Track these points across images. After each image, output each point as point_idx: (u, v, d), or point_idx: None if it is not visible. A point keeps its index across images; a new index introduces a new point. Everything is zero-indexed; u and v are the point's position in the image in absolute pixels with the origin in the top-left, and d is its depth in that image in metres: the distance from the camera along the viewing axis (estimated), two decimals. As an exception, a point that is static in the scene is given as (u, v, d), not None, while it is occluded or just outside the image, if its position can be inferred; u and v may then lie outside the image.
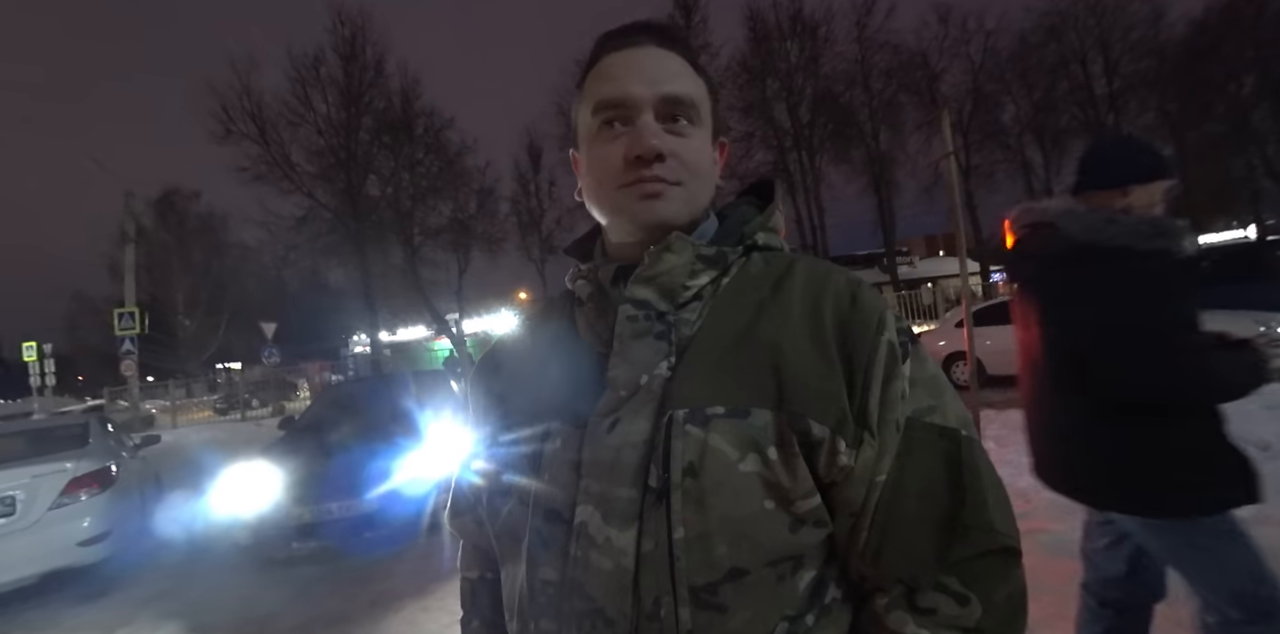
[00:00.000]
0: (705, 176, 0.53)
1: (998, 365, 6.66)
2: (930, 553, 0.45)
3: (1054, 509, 2.92)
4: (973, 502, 0.45)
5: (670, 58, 0.52)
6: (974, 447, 0.47)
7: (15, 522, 3.30)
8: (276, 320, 13.92)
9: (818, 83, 19.02)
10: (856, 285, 0.51)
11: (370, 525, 3.43)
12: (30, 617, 3.23)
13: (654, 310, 0.50)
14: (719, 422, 0.44)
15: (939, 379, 0.50)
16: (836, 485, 0.46)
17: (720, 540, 0.43)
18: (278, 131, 16.14)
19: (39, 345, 14.69)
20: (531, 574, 0.48)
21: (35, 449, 3.92)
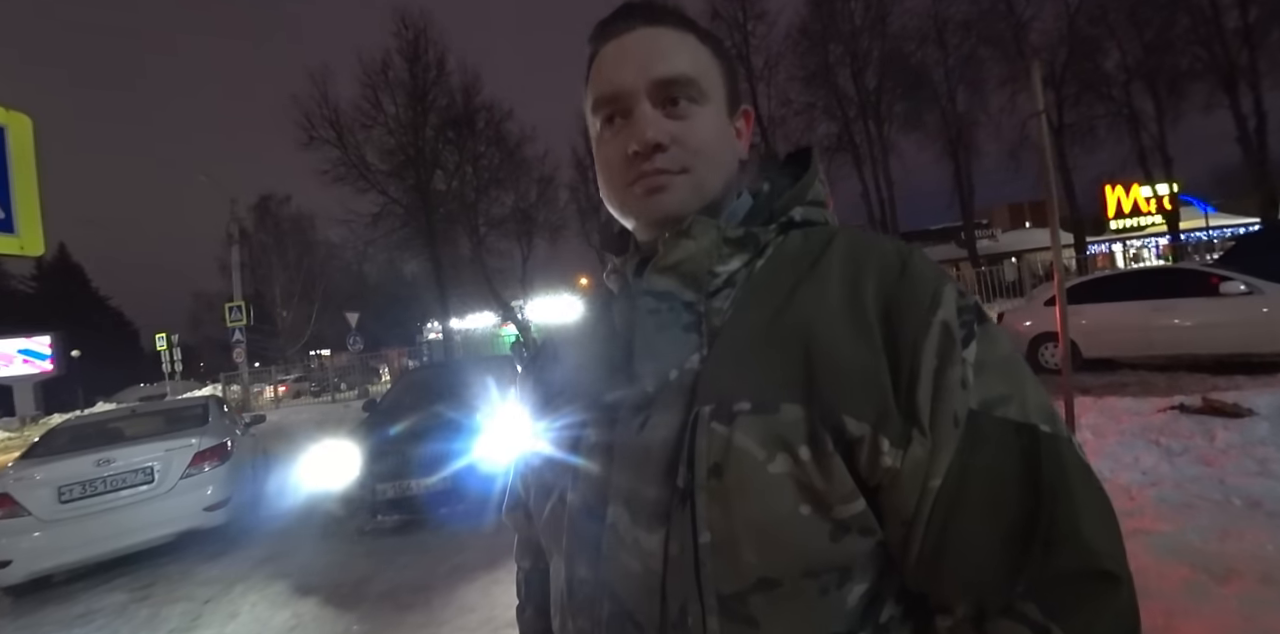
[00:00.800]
0: (716, 156, 0.48)
1: (1094, 347, 6.03)
2: (998, 571, 0.38)
3: (1163, 507, 2.63)
4: (1058, 510, 0.37)
5: (661, 35, 0.48)
6: (1060, 444, 0.39)
7: (155, 488, 3.82)
8: (359, 310, 15.05)
9: (885, 43, 17.66)
10: (907, 255, 0.45)
11: (447, 501, 3.67)
12: (169, 570, 3.75)
13: (679, 300, 0.46)
14: (745, 418, 0.40)
15: (1014, 363, 0.42)
16: (884, 489, 0.40)
17: (748, 547, 0.39)
18: (353, 134, 17.26)
19: (169, 336, 16.83)
20: (570, 571, 0.47)
21: (167, 427, 4.50)
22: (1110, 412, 4.13)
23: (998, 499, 0.38)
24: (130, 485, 3.78)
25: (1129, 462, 3.15)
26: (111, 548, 3.65)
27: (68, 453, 3.88)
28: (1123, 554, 0.38)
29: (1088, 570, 0.37)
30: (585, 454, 0.47)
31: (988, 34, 16.79)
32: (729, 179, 0.50)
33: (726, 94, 0.50)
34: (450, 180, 17.77)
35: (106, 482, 3.73)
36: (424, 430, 3.96)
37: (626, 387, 0.46)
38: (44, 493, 3.57)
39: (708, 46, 0.50)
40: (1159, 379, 5.38)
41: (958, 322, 0.41)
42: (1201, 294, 5.37)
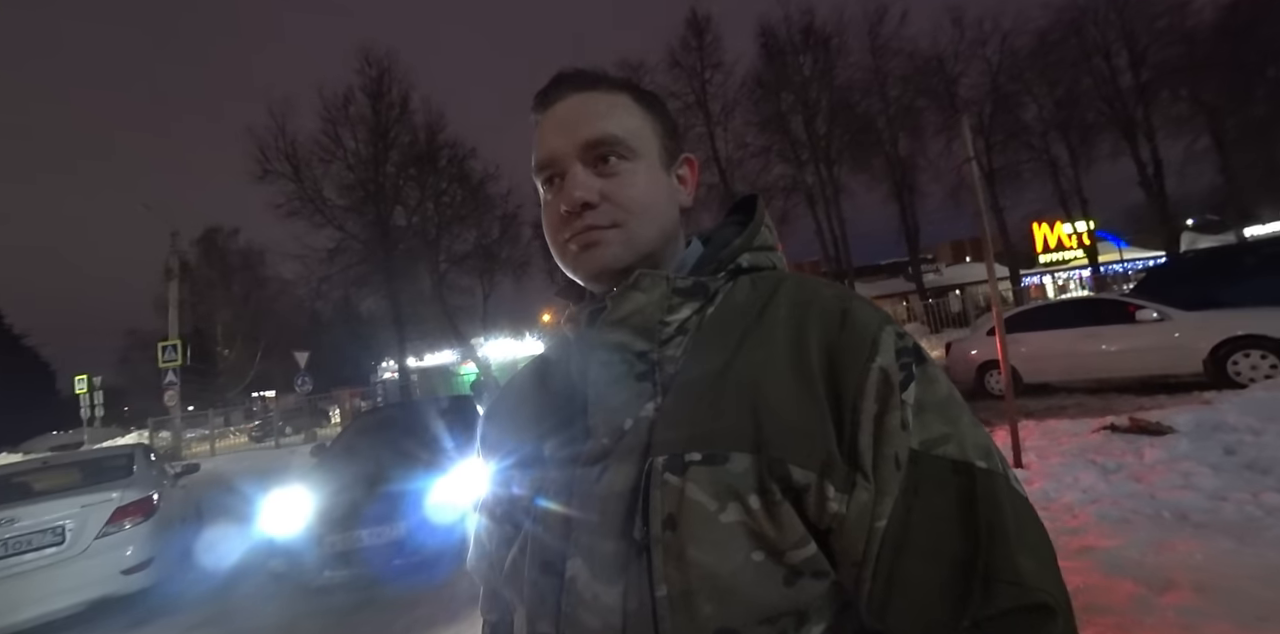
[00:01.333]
0: (649, 209, 0.50)
1: (1033, 373, 6.40)
2: (944, 609, 0.39)
3: (1104, 524, 2.76)
4: (995, 548, 0.39)
5: (590, 99, 0.51)
6: (995, 480, 0.41)
7: (65, 550, 3.43)
8: (310, 349, 14.37)
9: (833, 94, 19.11)
10: (847, 302, 0.47)
11: (401, 552, 3.45)
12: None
13: (631, 351, 0.47)
14: (696, 469, 0.41)
15: (952, 402, 0.44)
16: (834, 532, 0.41)
17: (704, 599, 0.40)
18: (311, 169, 17.03)
19: (89, 378, 15.48)
20: (531, 627, 0.47)
21: (83, 480, 4.08)
22: (1052, 434, 4.35)
23: (939, 538, 0.40)
24: (36, 548, 3.38)
25: (1070, 481, 3.31)
26: (9, 622, 3.21)
27: (-37, 512, 3.46)
28: (1058, 585, 0.40)
29: (1025, 605, 0.38)
30: (544, 508, 0.47)
31: (924, 87, 18.53)
32: (666, 228, 0.52)
33: (660, 147, 0.52)
34: (411, 216, 17.64)
35: (7, 545, 3.32)
36: (376, 477, 3.76)
37: (583, 438, 0.47)
38: (-69, 560, 3.15)
39: (641, 104, 0.52)
40: (1093, 401, 5.73)
41: (896, 365, 0.43)
42: (1121, 321, 5.84)
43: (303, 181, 16.79)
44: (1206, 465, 3.15)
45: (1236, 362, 5.13)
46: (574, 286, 0.60)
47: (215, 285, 23.95)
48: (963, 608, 0.39)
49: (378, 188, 17.10)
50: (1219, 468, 3.11)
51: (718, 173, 20.28)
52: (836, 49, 19.29)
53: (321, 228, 16.99)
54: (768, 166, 20.06)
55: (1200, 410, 4.13)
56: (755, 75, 19.84)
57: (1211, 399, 4.62)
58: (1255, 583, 2.00)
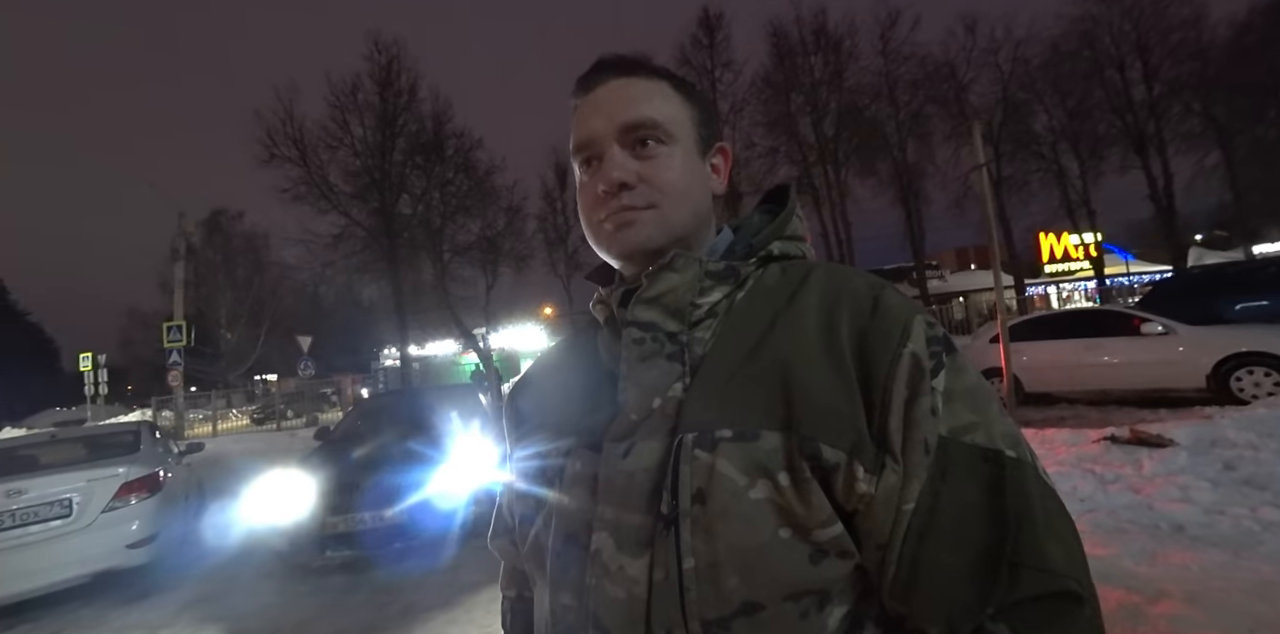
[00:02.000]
0: (683, 193, 0.51)
1: (1035, 382, 6.41)
2: (969, 594, 0.39)
3: (1099, 533, 2.78)
4: (1022, 534, 0.39)
5: (631, 84, 0.52)
6: (1024, 469, 0.41)
7: (71, 523, 3.47)
8: (312, 334, 14.41)
9: (842, 96, 19.07)
10: (880, 289, 0.47)
11: (401, 536, 3.49)
12: (81, 615, 3.37)
13: (662, 331, 0.48)
14: (726, 445, 0.42)
15: (982, 391, 0.44)
16: (860, 514, 0.42)
17: (731, 571, 0.40)
18: (317, 154, 16.97)
19: (94, 356, 15.56)
20: (554, 599, 0.48)
21: (91, 455, 4.13)
22: (1051, 443, 4.37)
23: (967, 524, 0.40)
24: (43, 520, 3.42)
25: (1068, 490, 3.33)
26: (15, 590, 3.25)
27: (-27, 483, 3.50)
28: (1085, 574, 0.40)
29: (1052, 592, 0.39)
30: (569, 482, 0.48)
31: (934, 93, 18.48)
32: (700, 213, 0.53)
33: (697, 134, 0.53)
34: (416, 205, 17.62)
35: (15, 515, 3.36)
36: (379, 461, 3.79)
37: (610, 415, 0.48)
38: (-60, 528, 3.20)
39: (680, 92, 0.53)
40: (1092, 413, 5.75)
41: (927, 353, 0.43)
42: (1126, 334, 5.85)
43: (309, 167, 16.76)
44: (1205, 479, 3.17)
45: (1240, 378, 5.14)
46: (603, 271, 0.62)
47: (218, 268, 23.96)
48: (988, 593, 0.39)
49: (383, 175, 17.08)
50: (1217, 482, 3.13)
51: (725, 172, 20.23)
52: (848, 52, 19.26)
53: (326, 214, 16.98)
54: (774, 167, 20.05)
55: (1201, 425, 4.15)
56: (765, 75, 19.80)
57: (1213, 414, 4.64)
58: (1248, 596, 2.03)
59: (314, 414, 15.34)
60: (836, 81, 19.14)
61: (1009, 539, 0.39)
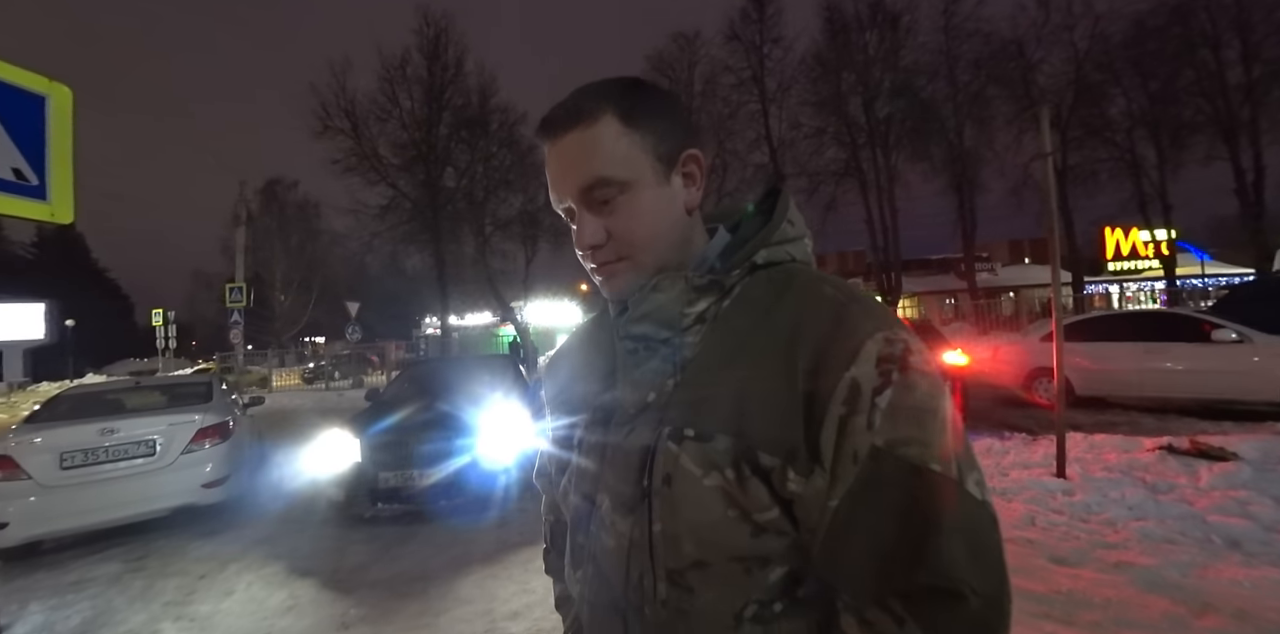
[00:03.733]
0: (651, 237, 0.55)
1: (1088, 385, 6.15)
2: (875, 578, 0.45)
3: (1146, 542, 2.72)
4: (927, 540, 0.44)
5: (576, 140, 0.54)
6: (944, 484, 0.45)
7: (156, 461, 3.84)
8: (359, 301, 15.04)
9: (897, 76, 18.03)
10: (845, 307, 0.51)
11: (447, 494, 3.70)
12: (162, 545, 3.75)
13: (655, 339, 0.56)
14: (689, 443, 0.51)
15: (926, 409, 0.47)
16: (795, 504, 0.49)
17: (687, 540, 0.51)
18: (368, 127, 17.35)
19: (165, 312, 16.73)
20: (573, 537, 0.63)
21: (170, 402, 4.51)
22: (1100, 449, 4.23)
23: (881, 524, 0.45)
24: (131, 457, 3.79)
25: (1115, 497, 3.24)
26: (108, 518, 3.65)
27: (72, 420, 3.89)
28: (986, 580, 0.44)
29: (941, 588, 0.44)
30: (587, 450, 0.60)
31: (997, 73, 17.22)
32: (674, 241, 0.57)
33: (654, 161, 0.55)
34: (460, 178, 17.87)
35: (109, 451, 3.74)
36: (428, 423, 4.00)
37: (619, 407, 0.58)
38: (45, 458, 3.58)
39: (625, 122, 0.54)
40: (1148, 420, 5.49)
41: (875, 373, 0.47)
42: (1194, 339, 5.52)
43: (360, 138, 17.18)
44: (1269, 497, 3.03)
45: (1321, 394, 4.81)
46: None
47: (274, 234, 25.09)
48: (890, 580, 0.45)
49: (429, 148, 17.35)
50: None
51: (769, 153, 19.66)
52: (906, 27, 18.04)
53: (375, 185, 17.45)
54: (820, 149, 19.26)
55: (1271, 441, 3.93)
56: (816, 52, 18.85)
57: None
58: (1305, 615, 1.97)
59: (359, 376, 16.11)
60: (892, 59, 18.07)
61: (915, 540, 0.44)
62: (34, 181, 2.72)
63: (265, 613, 2.71)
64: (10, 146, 2.60)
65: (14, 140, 2.61)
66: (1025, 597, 2.26)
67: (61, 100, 2.90)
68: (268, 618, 2.65)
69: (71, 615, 2.79)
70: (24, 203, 2.66)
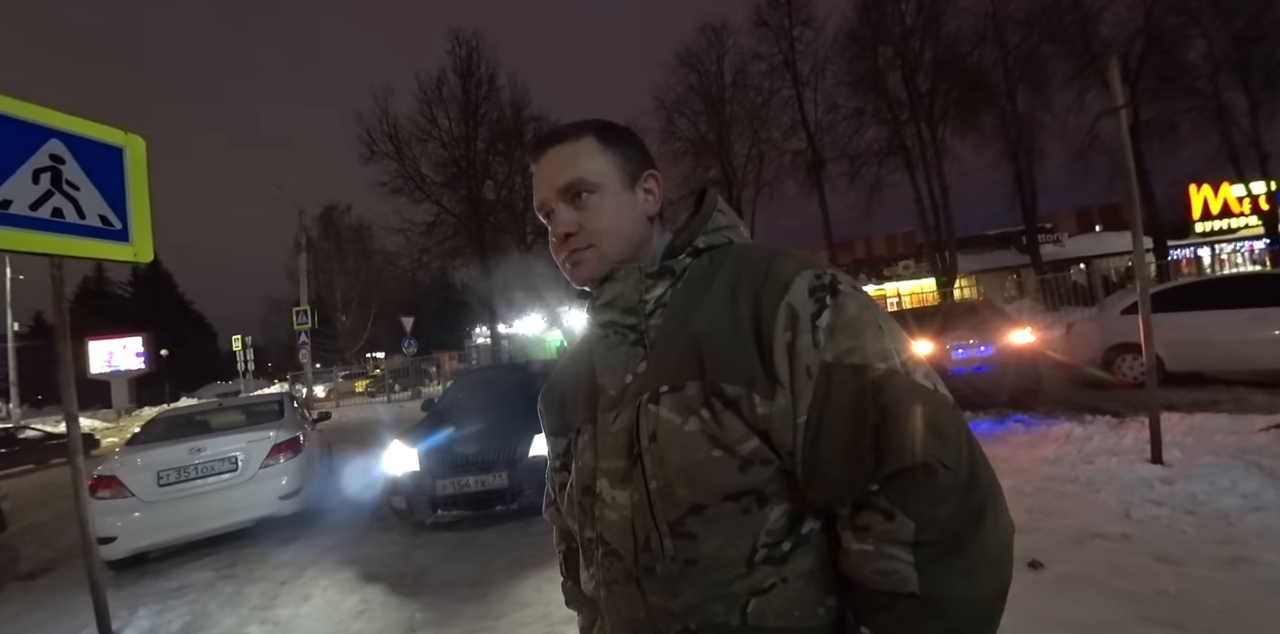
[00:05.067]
0: (614, 230, 0.64)
1: (1181, 360, 5.55)
2: (853, 477, 0.50)
3: (1270, 536, 2.40)
4: (885, 425, 0.49)
5: (560, 151, 0.65)
6: (891, 377, 0.51)
7: (239, 476, 4.13)
8: (413, 315, 15.74)
9: (938, 44, 17.03)
10: (772, 258, 0.59)
11: (502, 499, 3.78)
12: (249, 552, 4.03)
13: (622, 325, 0.63)
14: (665, 397, 0.56)
15: (860, 321, 0.53)
16: (770, 431, 0.53)
17: (679, 484, 0.55)
18: (410, 148, 18.22)
19: (243, 338, 18.15)
20: (582, 536, 0.66)
21: (247, 420, 4.85)
22: (1201, 430, 3.80)
23: (844, 424, 0.50)
24: (218, 473, 4.10)
25: (1226, 485, 2.89)
26: (201, 529, 3.97)
27: (166, 441, 4.26)
28: (945, 449, 0.48)
29: (909, 466, 0.48)
30: (582, 447, 0.65)
31: (1051, 30, 15.92)
32: (633, 238, 0.65)
33: (622, 174, 0.65)
34: (500, 190, 18.42)
35: (198, 468, 4.06)
36: (481, 430, 4.10)
37: (601, 395, 0.63)
38: (145, 476, 3.93)
39: (602, 143, 0.65)
40: (1257, 396, 4.90)
41: (810, 300, 0.54)
42: (1308, 303, 4.89)
43: (404, 160, 18.05)
44: None
45: None
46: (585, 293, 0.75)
47: (332, 257, 26.67)
48: (862, 475, 0.49)
49: (469, 163, 17.98)
50: None
51: (806, 139, 19.06)
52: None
53: (420, 203, 18.28)
54: (860, 130, 18.48)
55: None
56: (849, 30, 18.09)
57: None
58: None
59: (417, 388, 16.86)
60: (932, 28, 17.07)
61: (872, 428, 0.49)
62: (118, 226, 2.98)
63: (340, 617, 2.84)
64: (96, 196, 2.87)
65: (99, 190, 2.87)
66: (1123, 598, 2.05)
67: (136, 150, 3.15)
68: (342, 621, 2.79)
69: (173, 620, 3.03)
70: (111, 246, 2.92)
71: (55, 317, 2.83)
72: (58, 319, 2.80)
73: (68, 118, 2.71)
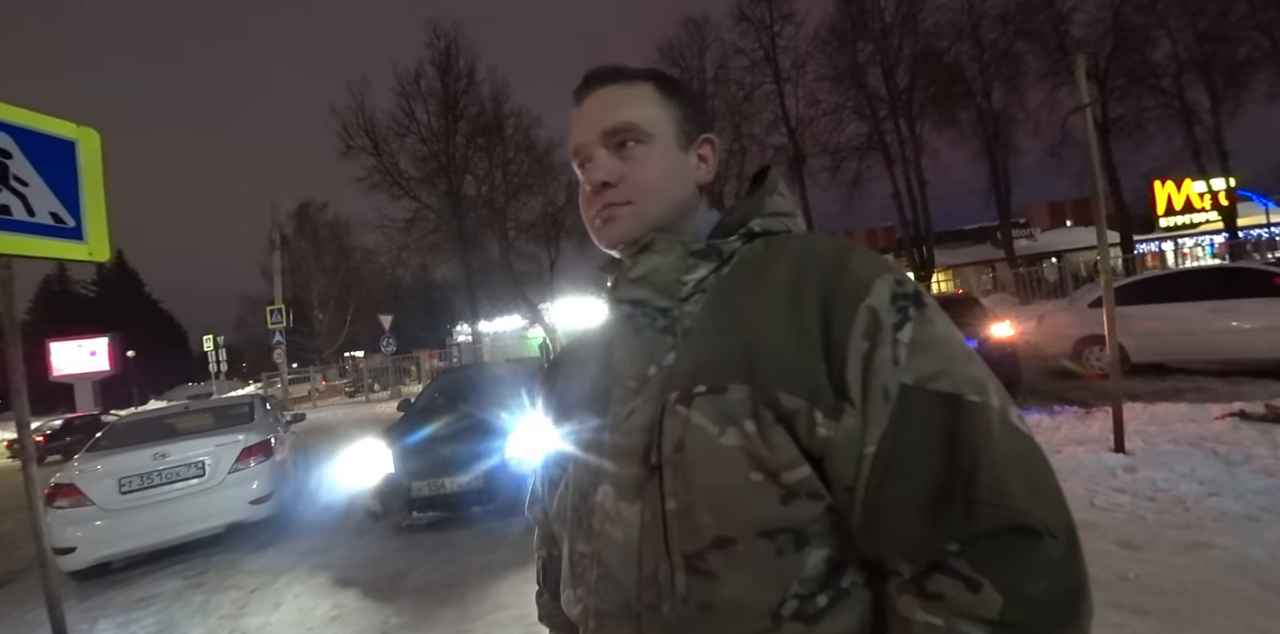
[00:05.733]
0: (660, 189, 0.55)
1: (1144, 351, 5.74)
2: (929, 530, 0.41)
3: (1226, 521, 2.49)
4: (979, 472, 0.40)
5: (612, 92, 0.56)
6: (986, 412, 0.42)
7: (206, 482, 4.01)
8: (392, 313, 15.49)
9: (917, 41, 17.29)
10: (847, 253, 0.50)
11: (479, 500, 3.74)
12: (220, 560, 3.92)
13: (653, 307, 0.53)
14: (701, 400, 0.46)
15: (948, 342, 0.45)
16: (827, 458, 0.44)
17: (704, 510, 0.45)
18: (388, 143, 17.86)
19: (215, 338, 17.66)
20: (572, 548, 0.55)
21: (216, 423, 4.71)
22: (1162, 419, 3.93)
23: (924, 464, 0.42)
24: (184, 479, 3.98)
25: (1184, 472, 2.99)
26: (167, 537, 3.84)
27: (128, 447, 4.10)
28: (1052, 512, 0.40)
29: (1008, 526, 0.40)
30: (583, 445, 0.55)
31: (1025, 27, 16.28)
32: (680, 203, 0.56)
33: (678, 130, 0.57)
34: (480, 186, 18.16)
35: (162, 474, 3.93)
36: (457, 430, 4.05)
37: (616, 385, 0.53)
38: (106, 484, 3.79)
39: (662, 92, 0.57)
40: (1217, 385, 5.09)
41: (892, 307, 0.45)
42: (1265, 294, 5.07)
43: (381, 155, 17.66)
44: (1361, 460, 2.74)
45: None
46: (613, 263, 0.66)
47: (309, 255, 26.08)
48: (945, 530, 0.41)
49: (449, 159, 17.68)
50: (1378, 464, 2.69)
51: (787, 133, 19.18)
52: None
53: (399, 199, 17.93)
54: (840, 125, 18.73)
55: (1359, 398, 3.56)
56: (830, 25, 18.31)
57: (1375, 386, 3.96)
58: None
59: (397, 387, 16.63)
60: (910, 24, 17.32)
61: (964, 475, 0.41)
62: (70, 224, 2.84)
63: (312, 624, 2.78)
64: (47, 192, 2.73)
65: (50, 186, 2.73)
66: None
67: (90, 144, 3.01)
68: (315, 628, 2.73)
69: (137, 631, 2.93)
70: (63, 245, 2.78)
71: (5, 318, 2.70)
72: (7, 321, 2.67)
73: (14, 110, 2.57)
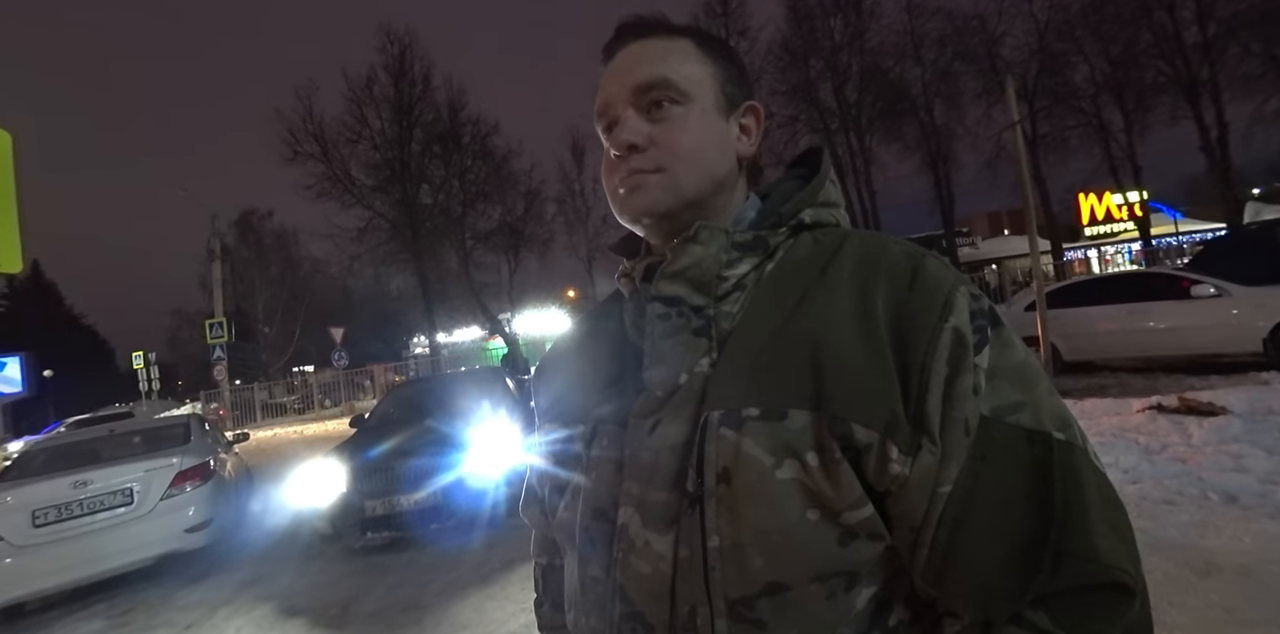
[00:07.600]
0: (695, 156, 0.48)
1: (1075, 351, 6.16)
2: (1007, 580, 0.37)
3: (1146, 505, 2.69)
4: (1070, 522, 0.37)
5: (646, 46, 0.50)
6: (1075, 453, 0.39)
7: (135, 510, 3.71)
8: (344, 326, 14.85)
9: (864, 59, 18.21)
10: (919, 259, 0.44)
11: (437, 517, 3.61)
12: (149, 595, 3.62)
13: (688, 305, 0.46)
14: (753, 424, 0.40)
15: (1030, 368, 0.41)
16: (892, 495, 0.40)
17: (755, 552, 0.40)
18: (338, 149, 17.20)
19: (145, 354, 16.43)
20: (582, 571, 0.49)
21: (147, 447, 4.37)
22: (1091, 413, 4.22)
23: (1008, 508, 0.38)
24: (108, 508, 3.66)
25: (1110, 461, 3.21)
26: (88, 573, 3.51)
27: (43, 475, 3.75)
28: (1137, 565, 0.38)
29: (1098, 583, 0.37)
30: (597, 457, 0.48)
31: (962, 49, 17.42)
32: (716, 176, 0.49)
33: (719, 92, 0.50)
34: (437, 194, 17.75)
35: (83, 504, 3.60)
36: (412, 446, 3.90)
37: (637, 391, 0.47)
38: (17, 518, 3.44)
39: (703, 49, 0.51)
40: (1137, 380, 5.51)
41: (970, 328, 0.40)
42: (1174, 297, 5.54)
43: (331, 162, 17.01)
44: (1260, 448, 3.02)
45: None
46: (628, 242, 0.59)
47: (253, 265, 24.74)
48: (1027, 582, 0.37)
49: (403, 166, 17.22)
50: (1274, 450, 2.98)
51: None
52: (869, 10, 18.28)
53: (350, 208, 17.28)
54: (794, 137, 19.36)
55: (1257, 391, 3.94)
56: (782, 41, 19.01)
57: (1270, 380, 4.40)
58: (1308, 567, 1.94)
59: (350, 403, 15.92)
60: (858, 43, 18.25)
61: (1054, 527, 0.37)
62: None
63: (254, 659, 2.60)
64: (-53, 197, 2.49)
65: (-49, 190, 2.50)
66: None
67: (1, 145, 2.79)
68: (257, 664, 2.55)
69: (52, 680, 2.67)
70: (-35, 254, 2.55)
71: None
72: (-105, 341, 2.42)
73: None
